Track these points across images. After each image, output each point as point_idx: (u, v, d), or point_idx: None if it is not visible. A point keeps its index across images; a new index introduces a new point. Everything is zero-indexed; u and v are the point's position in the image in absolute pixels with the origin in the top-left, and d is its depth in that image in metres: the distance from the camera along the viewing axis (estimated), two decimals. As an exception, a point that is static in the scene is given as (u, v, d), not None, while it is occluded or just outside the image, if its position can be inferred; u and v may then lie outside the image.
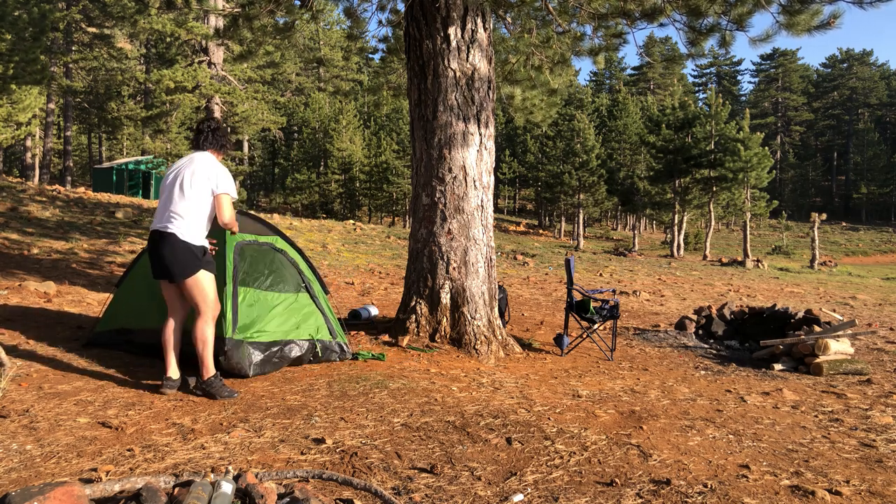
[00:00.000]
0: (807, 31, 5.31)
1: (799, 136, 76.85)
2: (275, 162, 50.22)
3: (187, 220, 3.83)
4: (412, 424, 3.53)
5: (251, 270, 4.70)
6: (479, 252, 5.72)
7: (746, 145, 28.59)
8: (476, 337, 5.52)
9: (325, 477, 2.66)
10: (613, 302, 6.20)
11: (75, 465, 2.77)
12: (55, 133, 38.23)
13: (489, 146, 5.86)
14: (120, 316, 5.01)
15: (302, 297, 4.95)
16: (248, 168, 45.66)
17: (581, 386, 4.76)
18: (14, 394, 3.67)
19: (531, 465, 3.02)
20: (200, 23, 22.54)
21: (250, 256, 4.75)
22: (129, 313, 4.97)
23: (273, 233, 5.15)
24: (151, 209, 16.55)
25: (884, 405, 4.46)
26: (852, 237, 52.94)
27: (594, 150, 37.44)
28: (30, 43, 18.19)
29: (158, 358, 4.26)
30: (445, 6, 5.54)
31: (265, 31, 7.40)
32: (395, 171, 38.81)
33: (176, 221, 3.81)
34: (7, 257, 8.60)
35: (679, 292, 12.60)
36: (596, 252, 29.95)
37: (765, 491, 2.82)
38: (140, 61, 42.69)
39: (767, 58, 77.11)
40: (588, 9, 6.64)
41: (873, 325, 8.67)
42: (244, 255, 4.71)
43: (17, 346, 4.73)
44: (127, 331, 4.90)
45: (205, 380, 3.84)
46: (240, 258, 4.65)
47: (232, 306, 4.39)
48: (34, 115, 26.59)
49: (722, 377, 5.36)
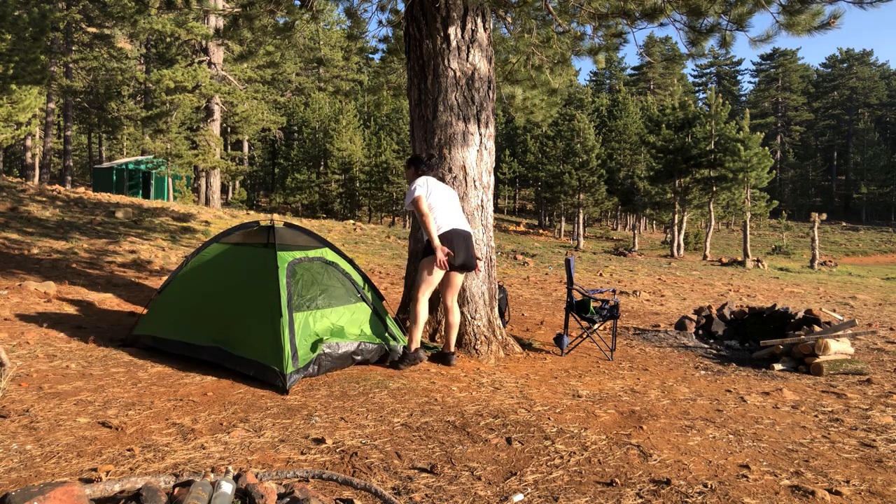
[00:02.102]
0: (807, 31, 5.30)
1: (799, 136, 76.85)
2: (275, 162, 50.21)
3: None
4: (412, 424, 3.53)
5: (305, 292, 4.51)
6: (479, 252, 5.72)
7: (746, 145, 28.59)
8: (476, 337, 5.52)
9: (325, 477, 2.66)
10: (613, 302, 6.20)
11: (75, 465, 2.77)
12: (55, 133, 38.25)
13: (489, 146, 5.86)
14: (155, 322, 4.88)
15: (360, 306, 4.84)
16: (248, 168, 45.69)
17: (581, 386, 4.77)
18: (14, 394, 3.67)
19: (531, 465, 3.02)
20: (200, 23, 22.55)
21: (302, 277, 4.57)
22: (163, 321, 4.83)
23: (321, 244, 4.95)
24: (151, 209, 16.55)
25: (884, 405, 4.46)
26: (852, 237, 52.94)
27: (594, 150, 37.45)
28: (30, 43, 18.20)
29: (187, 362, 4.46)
30: (445, 6, 5.54)
31: (265, 31, 7.39)
32: (395, 171, 38.81)
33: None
34: (7, 257, 8.60)
35: (679, 292, 12.60)
36: (596, 252, 29.95)
37: (765, 491, 2.82)
38: (140, 61, 42.71)
39: (767, 58, 77.13)
40: (588, 9, 6.64)
41: (873, 325, 8.66)
42: (296, 275, 4.52)
43: (17, 346, 4.73)
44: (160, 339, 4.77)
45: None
46: (292, 280, 4.43)
47: (290, 338, 4.15)
48: (34, 115, 26.61)
49: (722, 377, 5.36)
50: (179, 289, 4.95)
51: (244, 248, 4.81)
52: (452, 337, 5.08)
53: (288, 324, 4.19)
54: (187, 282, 4.95)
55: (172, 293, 4.98)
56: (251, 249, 4.75)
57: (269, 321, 4.23)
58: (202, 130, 25.09)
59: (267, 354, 4.13)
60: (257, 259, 4.63)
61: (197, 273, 4.93)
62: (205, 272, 4.89)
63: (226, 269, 4.78)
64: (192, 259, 5.05)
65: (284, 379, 3.96)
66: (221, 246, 4.98)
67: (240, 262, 4.75)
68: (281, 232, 4.73)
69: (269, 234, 4.71)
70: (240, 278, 4.63)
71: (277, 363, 4.04)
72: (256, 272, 4.56)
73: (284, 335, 4.12)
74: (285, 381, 3.95)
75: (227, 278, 4.71)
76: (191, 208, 18.99)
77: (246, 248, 4.80)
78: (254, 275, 4.57)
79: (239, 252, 4.82)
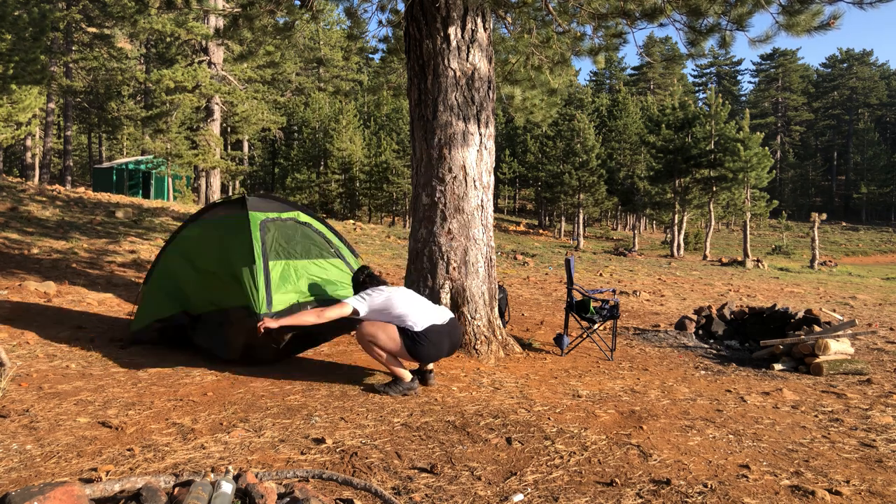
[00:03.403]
0: (807, 31, 5.30)
1: (799, 136, 76.85)
2: (275, 162, 50.19)
3: None
4: (412, 424, 3.53)
5: (279, 245, 4.77)
6: (479, 252, 5.72)
7: (746, 145, 28.58)
8: (476, 337, 5.53)
9: (325, 477, 2.66)
10: (613, 302, 6.20)
11: (75, 465, 2.77)
12: (55, 133, 38.23)
13: (489, 146, 5.86)
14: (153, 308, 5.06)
15: (336, 262, 5.07)
16: (248, 168, 45.65)
17: (581, 386, 4.77)
18: (14, 394, 3.67)
19: (531, 465, 3.02)
20: (200, 23, 22.54)
21: (275, 233, 4.81)
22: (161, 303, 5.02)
23: (294, 209, 5.20)
24: (151, 209, 16.55)
25: (884, 405, 4.46)
26: (852, 237, 52.94)
27: (594, 150, 37.45)
28: (30, 43, 18.20)
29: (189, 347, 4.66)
30: (445, 6, 5.54)
31: (265, 31, 7.39)
32: (395, 171, 38.81)
33: None
34: (7, 257, 8.60)
35: (679, 292, 12.60)
36: (596, 252, 29.95)
37: (765, 491, 2.82)
38: (140, 61, 42.70)
39: (767, 58, 77.13)
40: (588, 9, 6.64)
41: (873, 325, 8.66)
42: (269, 230, 4.77)
43: (17, 346, 4.73)
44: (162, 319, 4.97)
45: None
46: (265, 234, 4.71)
47: (265, 282, 4.42)
48: (34, 115, 26.60)
49: (722, 377, 5.36)
50: (165, 272, 5.14)
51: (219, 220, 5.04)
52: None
53: (263, 269, 4.46)
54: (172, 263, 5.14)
55: (159, 279, 5.17)
56: (225, 218, 4.98)
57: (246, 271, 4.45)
58: (202, 130, 25.08)
59: (244, 299, 4.37)
60: (232, 223, 4.85)
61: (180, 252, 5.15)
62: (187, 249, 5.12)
63: (206, 240, 5.03)
64: (171, 243, 5.28)
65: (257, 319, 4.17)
66: (197, 225, 5.22)
67: (217, 230, 4.99)
68: (252, 200, 4.97)
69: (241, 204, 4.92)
70: (219, 244, 4.86)
71: (252, 304, 4.28)
72: (232, 231, 4.79)
73: (260, 279, 4.40)
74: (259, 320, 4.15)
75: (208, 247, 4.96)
76: (191, 208, 18.99)
77: (221, 219, 5.03)
78: (230, 236, 4.80)
79: (215, 224, 5.05)
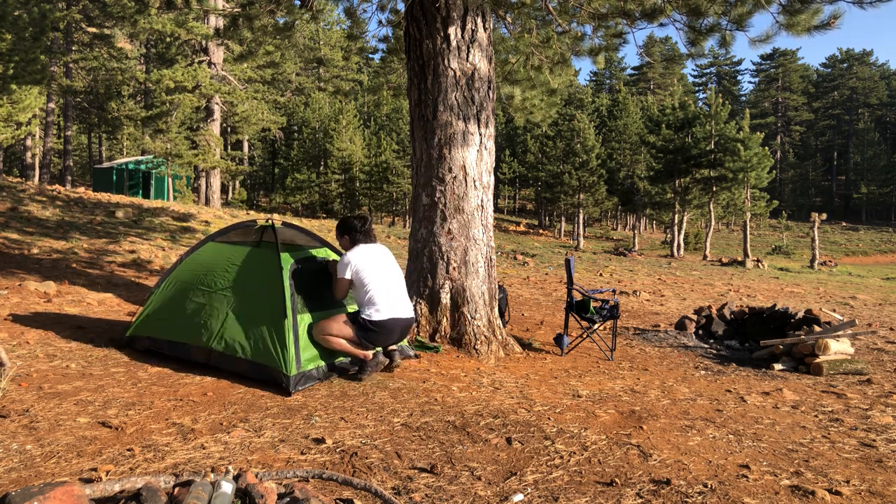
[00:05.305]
0: (807, 31, 5.30)
1: (799, 136, 76.85)
2: (275, 162, 50.21)
3: None
4: (412, 424, 3.53)
5: (306, 293, 4.48)
6: (479, 252, 5.72)
7: (746, 145, 28.58)
8: (476, 337, 5.52)
9: (325, 477, 2.66)
10: (613, 302, 6.20)
11: (75, 465, 2.77)
12: (55, 133, 38.24)
13: (489, 146, 5.86)
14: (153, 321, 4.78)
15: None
16: (248, 168, 45.69)
17: (581, 386, 4.76)
18: (14, 394, 3.67)
19: (531, 465, 3.02)
20: (200, 23, 22.55)
21: (304, 277, 4.53)
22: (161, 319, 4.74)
23: (320, 244, 4.93)
24: (151, 209, 16.54)
25: (884, 405, 4.46)
26: (852, 237, 52.94)
27: (594, 150, 37.45)
28: (30, 43, 18.19)
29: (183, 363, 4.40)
30: (445, 6, 5.54)
31: (265, 31, 7.39)
32: (395, 171, 38.81)
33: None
34: (7, 257, 8.60)
35: (679, 292, 12.60)
36: (596, 252, 29.95)
37: (765, 491, 2.82)
38: (140, 61, 42.68)
39: (767, 58, 77.13)
40: (588, 9, 6.64)
41: (873, 325, 8.66)
42: (299, 277, 4.47)
43: (17, 346, 4.73)
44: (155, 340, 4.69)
45: None
46: (294, 282, 4.39)
47: (294, 340, 4.12)
48: (34, 115, 26.61)
49: (722, 377, 5.36)
50: (174, 288, 4.82)
51: (243, 248, 4.72)
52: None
53: (292, 327, 4.16)
54: (182, 281, 4.81)
55: (167, 293, 4.85)
56: (251, 249, 4.68)
57: (272, 322, 4.18)
58: (202, 130, 25.09)
59: (269, 356, 4.10)
60: (258, 259, 4.56)
61: (193, 272, 4.81)
62: (201, 271, 4.77)
63: (223, 269, 4.68)
64: (187, 258, 4.93)
65: (288, 381, 3.95)
66: (218, 245, 4.87)
67: (238, 261, 4.66)
68: (281, 231, 4.69)
69: (266, 233, 4.66)
70: (239, 278, 4.56)
71: (281, 365, 4.01)
72: (258, 272, 4.51)
73: (289, 337, 4.09)
74: (289, 383, 3.94)
75: (224, 278, 4.62)
76: (191, 208, 18.99)
77: (245, 248, 4.72)
78: (254, 275, 4.52)
79: (237, 251, 4.72)
